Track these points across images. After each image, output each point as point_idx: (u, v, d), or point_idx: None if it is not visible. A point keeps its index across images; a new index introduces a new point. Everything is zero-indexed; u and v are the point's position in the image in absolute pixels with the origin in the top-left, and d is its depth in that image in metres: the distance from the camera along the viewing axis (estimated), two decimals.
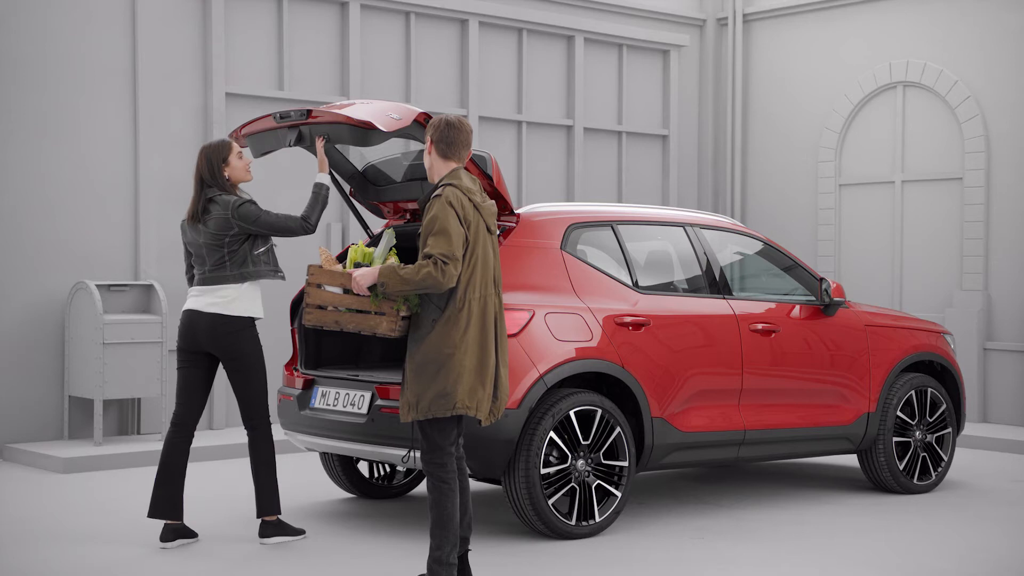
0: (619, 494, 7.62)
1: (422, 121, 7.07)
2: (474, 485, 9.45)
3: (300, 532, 7.46)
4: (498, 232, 7.70)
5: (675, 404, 7.94)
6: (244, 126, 7.64)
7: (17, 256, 10.61)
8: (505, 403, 6.12)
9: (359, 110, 7.15)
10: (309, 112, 7.23)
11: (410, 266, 5.85)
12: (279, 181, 11.96)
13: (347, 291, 6.25)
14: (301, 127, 7.35)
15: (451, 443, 6.03)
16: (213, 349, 7.19)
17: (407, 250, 8.19)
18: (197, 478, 9.64)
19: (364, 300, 6.18)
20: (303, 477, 9.75)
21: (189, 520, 8.01)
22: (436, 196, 5.96)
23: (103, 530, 7.71)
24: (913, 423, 9.16)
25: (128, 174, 11.16)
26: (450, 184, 5.99)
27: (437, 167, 6.16)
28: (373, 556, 7.05)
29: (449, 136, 6.12)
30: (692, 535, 7.65)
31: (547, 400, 7.41)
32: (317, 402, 7.93)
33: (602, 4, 14.23)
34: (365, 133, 7.00)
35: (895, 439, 9.06)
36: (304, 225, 7.12)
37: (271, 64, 11.91)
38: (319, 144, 7.16)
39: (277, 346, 11.97)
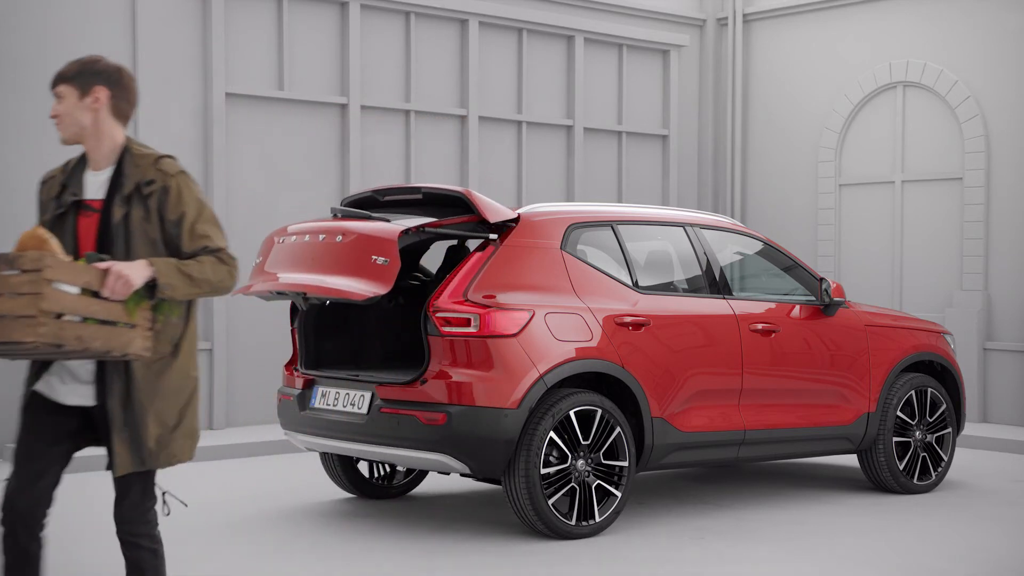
0: (619, 494, 7.62)
1: (403, 232, 7.21)
2: (474, 485, 9.46)
3: None
4: (495, 236, 7.71)
5: (675, 404, 7.94)
6: (245, 288, 7.90)
7: None
8: None
9: (346, 274, 7.27)
10: (305, 295, 7.47)
11: (193, 262, 4.27)
12: (280, 182, 11.97)
13: (86, 291, 4.16)
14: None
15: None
16: None
17: None
18: (195, 479, 9.64)
19: (113, 306, 4.17)
20: (303, 477, 9.75)
21: (193, 519, 8.01)
22: (181, 172, 4.36)
23: (102, 529, 7.71)
24: (913, 423, 9.15)
25: None
26: (170, 156, 4.41)
27: (108, 129, 4.35)
28: (373, 556, 7.05)
29: (132, 91, 4.43)
30: (692, 535, 7.65)
31: (547, 400, 7.41)
32: (317, 402, 7.93)
33: (602, 4, 14.23)
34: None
35: (895, 439, 9.06)
36: None
37: (271, 64, 11.91)
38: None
39: (277, 346, 11.97)
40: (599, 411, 7.54)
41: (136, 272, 4.13)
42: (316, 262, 7.46)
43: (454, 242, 11.43)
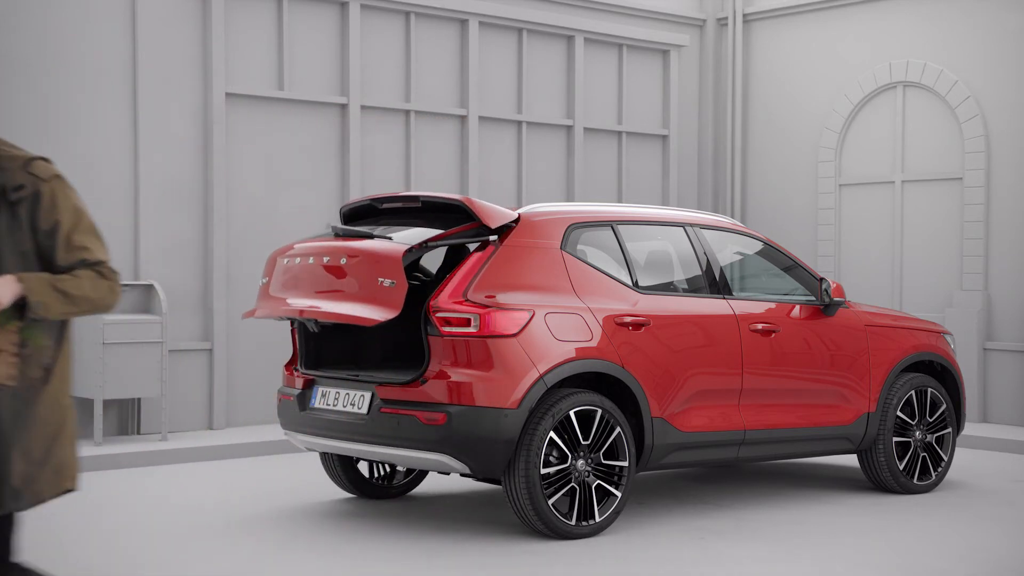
0: (619, 494, 7.62)
1: (407, 251, 7.27)
2: (474, 485, 9.46)
3: None
4: (495, 236, 7.70)
5: (675, 404, 7.94)
6: (251, 312, 8.03)
7: None
8: None
9: (354, 298, 7.35)
10: (316, 321, 7.65)
11: (69, 277, 3.83)
12: (280, 182, 11.96)
13: None
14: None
15: None
16: None
17: None
18: (195, 479, 9.64)
19: None
20: (303, 477, 9.75)
21: (193, 519, 8.01)
22: (56, 176, 3.90)
23: (101, 530, 7.71)
24: (913, 423, 9.15)
25: (128, 174, 11.16)
26: (43, 158, 3.92)
27: None
28: (373, 556, 7.05)
29: None
30: (692, 535, 7.65)
31: (547, 400, 7.41)
32: (317, 402, 7.93)
33: (602, 4, 14.23)
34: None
35: (895, 439, 9.06)
36: None
37: (271, 64, 11.91)
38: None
39: (277, 346, 11.97)
40: (599, 411, 7.54)
41: (3, 289, 3.69)
42: (323, 285, 7.49)
43: None
